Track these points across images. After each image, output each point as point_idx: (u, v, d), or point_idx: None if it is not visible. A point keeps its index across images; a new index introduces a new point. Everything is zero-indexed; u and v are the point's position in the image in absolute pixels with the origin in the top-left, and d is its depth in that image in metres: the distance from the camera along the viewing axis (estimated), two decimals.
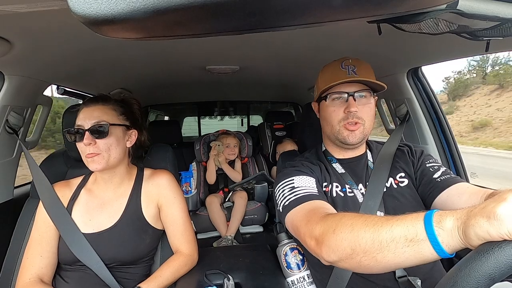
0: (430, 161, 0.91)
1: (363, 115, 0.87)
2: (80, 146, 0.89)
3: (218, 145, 2.20)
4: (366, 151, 0.97)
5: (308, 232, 0.66)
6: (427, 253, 0.46)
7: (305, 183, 0.83)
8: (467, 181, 1.10)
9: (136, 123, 1.00)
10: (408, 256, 0.48)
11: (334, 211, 0.73)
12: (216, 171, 2.21)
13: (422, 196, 0.87)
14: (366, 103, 0.88)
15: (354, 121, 0.86)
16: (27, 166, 1.06)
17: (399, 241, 0.49)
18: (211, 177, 2.18)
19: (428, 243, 0.46)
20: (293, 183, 0.83)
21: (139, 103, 1.05)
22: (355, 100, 0.86)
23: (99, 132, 0.88)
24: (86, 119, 0.89)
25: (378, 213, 0.85)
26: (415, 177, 0.90)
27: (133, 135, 0.98)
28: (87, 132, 0.87)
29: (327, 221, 0.63)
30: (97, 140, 0.88)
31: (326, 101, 0.89)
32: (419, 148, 0.98)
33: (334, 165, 0.94)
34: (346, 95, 0.86)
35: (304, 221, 0.70)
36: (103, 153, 0.88)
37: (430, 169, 0.87)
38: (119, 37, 0.32)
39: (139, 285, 0.89)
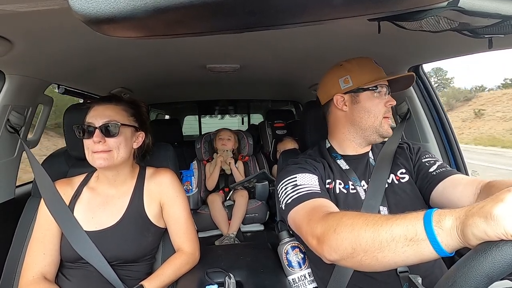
0: (426, 156, 0.93)
1: None
2: (88, 142, 0.89)
3: (226, 151, 2.23)
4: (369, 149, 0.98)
5: (309, 231, 0.67)
6: (427, 252, 0.47)
7: (307, 181, 0.83)
8: None
9: (143, 126, 1.01)
10: (408, 255, 0.49)
11: (336, 209, 0.74)
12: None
13: (420, 190, 0.88)
14: None
15: (389, 114, 0.91)
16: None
17: (399, 240, 0.49)
18: (212, 184, 2.20)
19: (428, 242, 0.46)
20: (296, 180, 0.84)
21: (146, 106, 1.06)
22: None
23: (110, 130, 0.89)
24: (97, 117, 0.89)
25: (381, 208, 0.86)
26: (413, 172, 0.92)
27: (140, 137, 1.00)
28: (97, 130, 0.88)
29: (328, 220, 0.63)
30: (106, 138, 0.89)
31: (374, 92, 0.90)
32: (417, 145, 1.00)
33: (338, 161, 0.95)
34: (387, 89, 0.91)
35: (305, 220, 0.71)
36: (112, 151, 0.89)
37: (426, 163, 0.90)
38: (120, 36, 0.32)
39: (141, 283, 0.90)
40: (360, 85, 0.90)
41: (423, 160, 0.91)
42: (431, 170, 0.87)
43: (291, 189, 0.82)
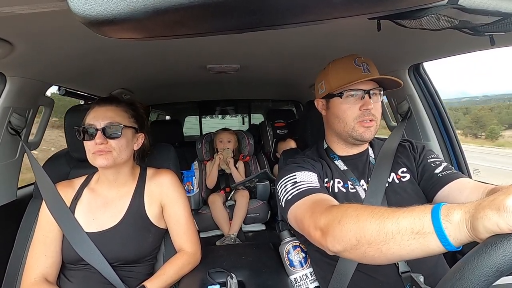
0: (432, 156, 0.91)
1: (375, 113, 0.87)
2: (89, 144, 0.89)
3: (227, 148, 2.24)
4: (367, 147, 0.98)
5: (312, 223, 0.67)
6: (433, 246, 0.46)
7: (307, 178, 0.83)
8: (470, 177, 1.09)
9: (143, 127, 1.01)
10: (413, 249, 0.48)
11: (338, 203, 0.74)
12: (218, 171, 2.22)
13: (424, 191, 0.87)
14: (378, 100, 0.89)
15: (369, 118, 0.86)
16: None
17: (405, 233, 0.49)
18: (211, 182, 2.20)
19: (435, 236, 0.45)
20: (295, 178, 0.84)
21: (145, 107, 1.06)
22: (370, 97, 0.86)
23: (112, 132, 0.89)
24: (99, 118, 0.89)
25: None
26: (417, 172, 0.90)
27: (140, 138, 1.00)
28: (99, 132, 0.87)
29: (332, 212, 0.63)
30: (109, 140, 0.88)
31: (341, 98, 0.88)
32: (420, 143, 0.98)
33: (336, 162, 0.94)
34: (362, 92, 0.86)
35: (308, 213, 0.71)
36: (112, 152, 0.89)
37: (432, 164, 0.88)
38: (120, 37, 0.33)
39: (143, 283, 0.90)
40: (330, 90, 0.90)
41: (428, 160, 0.89)
42: (437, 171, 0.85)
43: (291, 186, 0.82)
